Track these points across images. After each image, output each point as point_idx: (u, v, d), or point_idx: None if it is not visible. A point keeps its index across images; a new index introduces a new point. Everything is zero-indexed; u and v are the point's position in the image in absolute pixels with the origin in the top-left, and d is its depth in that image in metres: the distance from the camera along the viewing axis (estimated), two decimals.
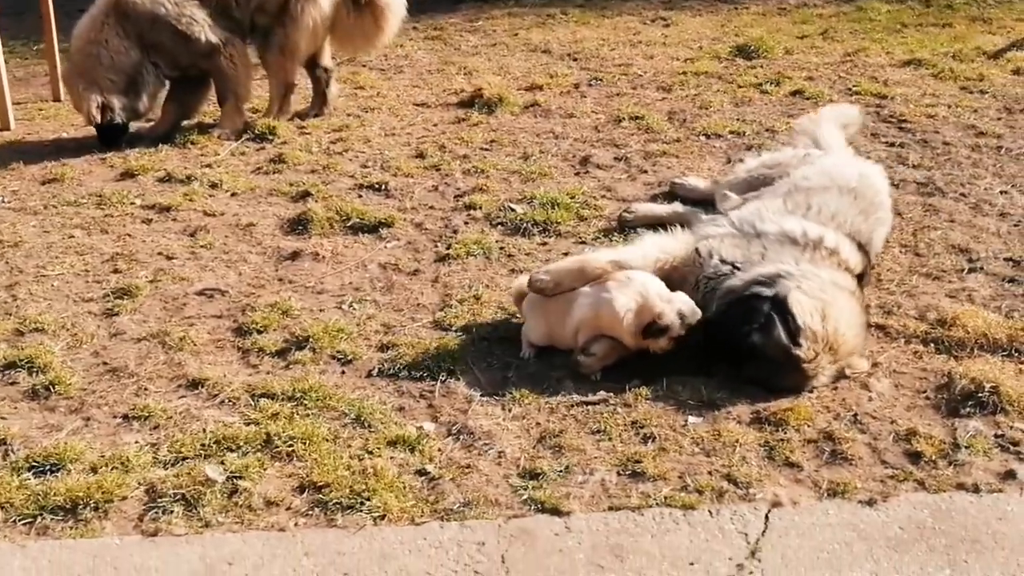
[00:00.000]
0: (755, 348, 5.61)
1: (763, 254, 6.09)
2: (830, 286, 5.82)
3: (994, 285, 6.66)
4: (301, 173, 8.81)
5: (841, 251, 6.13)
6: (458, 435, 5.43)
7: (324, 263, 7.28)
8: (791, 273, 5.85)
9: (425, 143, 9.36)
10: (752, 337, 5.61)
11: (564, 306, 6.01)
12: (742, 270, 6.04)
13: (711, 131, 9.36)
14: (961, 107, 9.86)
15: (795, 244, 6.13)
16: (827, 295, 5.76)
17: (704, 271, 6.17)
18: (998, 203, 7.82)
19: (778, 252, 6.07)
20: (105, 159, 9.35)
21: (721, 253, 6.17)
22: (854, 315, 5.81)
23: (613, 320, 5.84)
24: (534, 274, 6.16)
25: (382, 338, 6.34)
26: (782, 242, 6.15)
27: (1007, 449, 5.15)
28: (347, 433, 5.45)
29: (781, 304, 5.66)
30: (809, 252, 6.07)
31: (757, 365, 5.66)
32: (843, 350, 5.68)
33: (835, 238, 6.20)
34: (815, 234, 6.18)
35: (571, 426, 5.45)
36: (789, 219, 6.35)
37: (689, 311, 5.82)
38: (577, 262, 6.20)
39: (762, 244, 6.17)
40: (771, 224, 6.33)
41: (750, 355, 5.64)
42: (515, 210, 7.86)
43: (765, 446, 5.23)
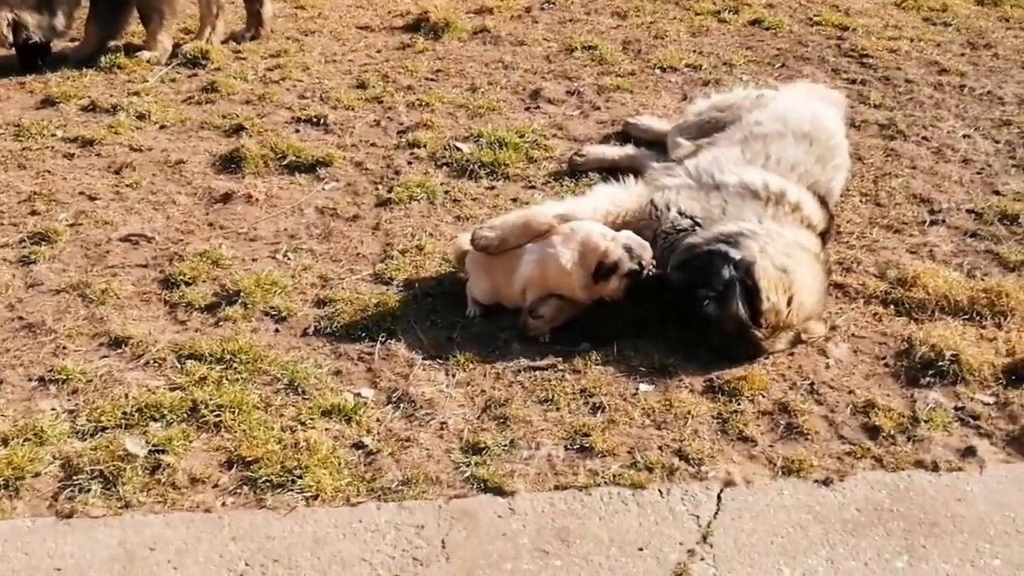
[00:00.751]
0: (707, 318, 5.35)
1: (723, 208, 5.80)
2: (795, 248, 5.56)
3: (956, 240, 6.44)
4: (235, 104, 8.36)
5: (804, 206, 5.86)
6: (398, 403, 5.16)
7: (258, 206, 6.90)
8: (755, 232, 5.57)
9: (367, 72, 8.93)
10: (707, 307, 5.34)
11: (510, 262, 5.72)
12: (703, 226, 5.75)
13: (667, 64, 8.99)
14: (924, 41, 9.56)
15: (757, 198, 5.84)
16: (792, 260, 5.50)
17: (662, 225, 5.88)
18: (961, 148, 7.58)
19: (739, 207, 5.79)
20: (24, 84, 8.79)
21: (679, 205, 5.87)
22: (816, 281, 5.57)
23: (561, 276, 5.56)
24: (477, 231, 5.84)
25: (319, 292, 6.01)
26: (743, 195, 5.87)
27: (967, 423, 4.97)
28: (279, 400, 5.15)
29: (747, 271, 5.38)
30: (772, 207, 5.80)
31: (710, 333, 5.40)
32: (800, 317, 5.44)
33: (798, 192, 5.92)
34: (777, 187, 5.90)
35: (517, 394, 5.19)
36: (749, 170, 6.06)
37: (636, 244, 5.52)
38: (522, 217, 5.88)
39: (722, 197, 5.88)
40: (731, 175, 6.03)
41: (703, 323, 5.38)
42: (461, 149, 7.50)
43: (718, 418, 5.00)
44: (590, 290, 5.55)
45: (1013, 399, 5.07)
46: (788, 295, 5.34)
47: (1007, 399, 5.08)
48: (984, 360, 5.23)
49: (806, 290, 5.42)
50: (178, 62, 9.12)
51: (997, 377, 5.20)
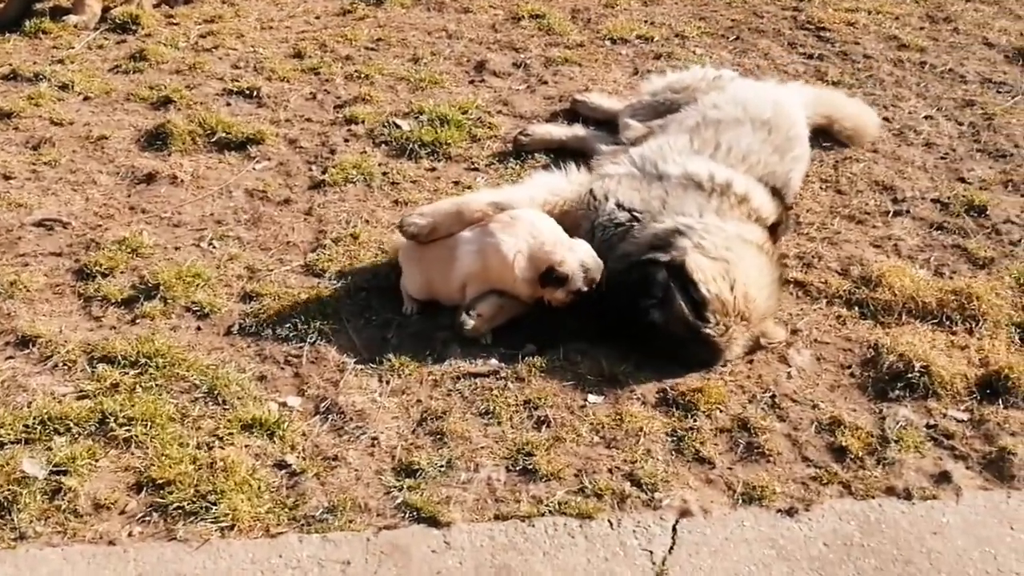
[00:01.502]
0: (654, 326, 4.98)
1: (664, 200, 5.44)
2: (736, 241, 5.21)
3: (921, 232, 6.09)
4: (164, 74, 7.84)
5: (752, 198, 5.51)
6: (327, 414, 4.76)
7: (183, 188, 6.43)
8: (691, 228, 5.22)
9: (305, 40, 8.43)
10: (651, 315, 4.97)
11: (446, 254, 5.31)
12: (641, 219, 5.40)
13: (617, 35, 8.56)
14: (883, 13, 9.18)
15: (700, 189, 5.50)
16: (732, 253, 5.15)
17: (599, 216, 5.51)
18: (923, 130, 7.23)
19: (680, 199, 5.43)
20: None
21: (618, 196, 5.51)
22: (763, 274, 5.21)
23: (503, 268, 5.16)
24: (406, 217, 5.43)
25: (245, 285, 5.58)
26: (686, 187, 5.51)
27: (940, 443, 4.63)
28: (197, 411, 4.73)
29: (679, 271, 5.04)
30: (716, 199, 5.44)
31: (662, 342, 5.03)
32: (756, 315, 5.09)
33: (745, 183, 5.57)
34: (722, 178, 5.55)
35: (456, 405, 4.79)
36: (695, 160, 5.71)
37: (593, 263, 5.15)
38: (454, 204, 5.48)
39: (663, 188, 5.52)
40: (675, 165, 5.68)
41: (652, 333, 5.01)
42: (401, 127, 7.05)
43: (673, 436, 4.64)
44: (534, 289, 5.16)
45: (988, 416, 4.74)
46: (729, 283, 5.01)
47: (982, 416, 4.75)
48: (956, 372, 4.90)
49: (752, 282, 5.08)
50: (107, 27, 8.59)
51: (971, 391, 4.87)
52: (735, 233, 5.28)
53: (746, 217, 5.44)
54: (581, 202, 5.54)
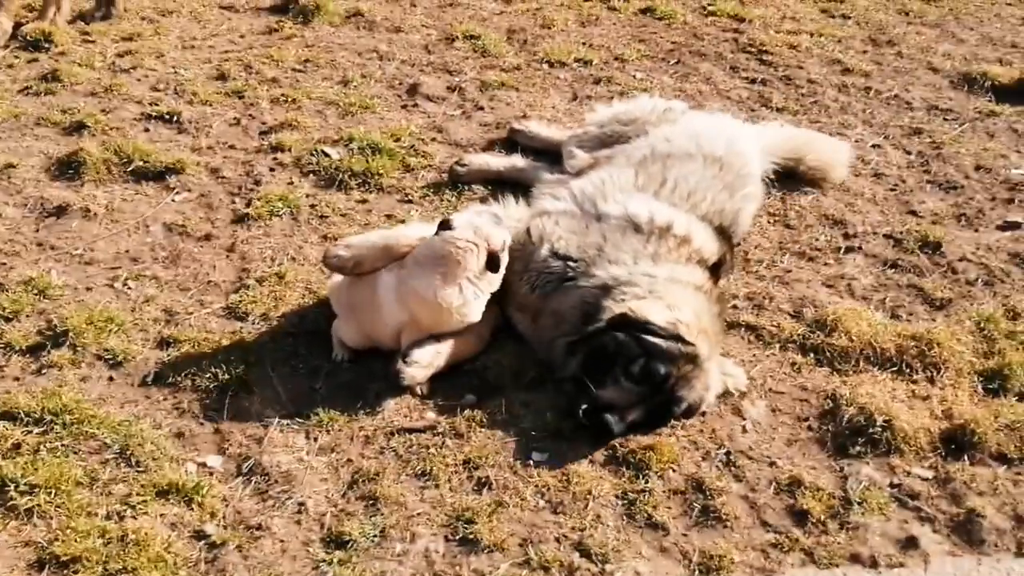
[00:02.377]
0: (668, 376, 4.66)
1: (600, 247, 5.19)
2: (666, 284, 4.98)
3: (875, 271, 5.85)
4: (79, 96, 7.41)
5: (693, 239, 5.26)
6: (250, 476, 4.40)
7: (97, 222, 6.02)
8: (617, 280, 5.01)
9: (229, 60, 8.03)
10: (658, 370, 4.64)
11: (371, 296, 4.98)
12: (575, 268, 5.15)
13: (555, 58, 8.26)
14: (825, 35, 8.99)
15: (638, 232, 5.24)
16: (663, 293, 4.94)
17: (533, 261, 5.23)
18: (871, 159, 7.02)
19: (617, 245, 5.18)
20: None
21: (553, 242, 5.24)
22: (703, 308, 4.99)
23: (423, 307, 4.84)
24: (330, 248, 5.11)
25: (162, 330, 5.20)
26: (624, 229, 5.26)
27: (905, 504, 4.37)
28: (108, 474, 4.35)
29: (627, 322, 4.79)
30: (654, 242, 5.20)
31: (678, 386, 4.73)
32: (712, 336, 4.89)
33: (686, 223, 5.34)
34: (662, 220, 5.30)
35: (390, 465, 4.46)
36: (636, 199, 5.45)
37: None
38: (383, 238, 5.15)
39: (601, 232, 5.27)
40: (615, 205, 5.43)
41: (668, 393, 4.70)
42: (330, 155, 6.70)
43: (623, 498, 4.33)
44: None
45: (955, 474, 4.49)
46: (673, 310, 4.82)
47: (948, 474, 4.50)
48: (919, 425, 4.64)
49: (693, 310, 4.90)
50: (17, 45, 8.12)
51: (935, 446, 4.62)
52: (667, 277, 5.05)
53: (686, 259, 5.20)
54: (517, 241, 5.24)
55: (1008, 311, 5.52)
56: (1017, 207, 6.52)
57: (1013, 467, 4.58)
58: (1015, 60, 8.65)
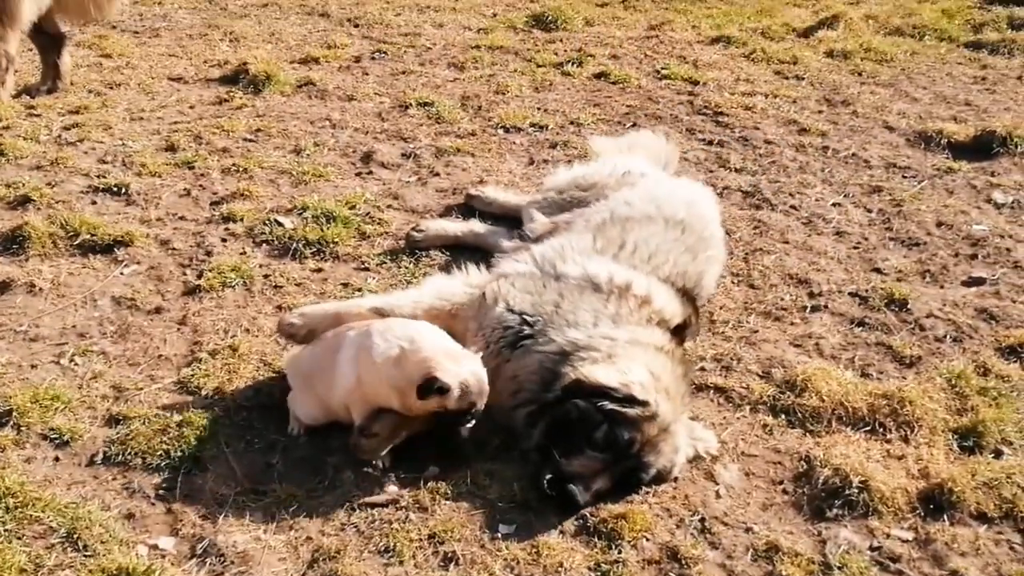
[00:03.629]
0: (631, 444, 4.53)
1: (558, 304, 5.07)
2: (626, 346, 4.84)
3: (842, 329, 5.75)
4: (23, 170, 7.23)
5: (654, 300, 5.14)
6: (204, 558, 4.20)
7: (42, 297, 5.83)
8: (575, 344, 4.87)
9: (178, 131, 7.90)
10: (621, 436, 4.52)
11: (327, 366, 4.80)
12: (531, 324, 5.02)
13: (510, 123, 8.20)
14: (779, 96, 9.01)
15: (598, 291, 5.13)
16: (622, 355, 4.81)
17: (486, 319, 5.10)
18: (832, 218, 6.96)
19: (575, 304, 5.06)
20: None
21: (508, 300, 5.12)
22: (665, 369, 4.84)
23: (373, 377, 4.63)
24: (284, 317, 5.15)
25: (111, 407, 5.00)
26: (582, 289, 5.15)
27: (887, 568, 4.22)
28: (53, 560, 4.13)
29: (581, 388, 4.66)
30: (614, 302, 5.08)
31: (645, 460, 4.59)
32: (674, 392, 4.75)
33: (646, 284, 5.22)
34: (621, 280, 5.19)
35: (352, 542, 4.26)
36: (595, 261, 5.36)
37: (475, 383, 4.56)
38: (334, 307, 5.18)
39: (558, 291, 5.16)
40: (573, 266, 5.32)
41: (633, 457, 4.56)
42: (283, 224, 6.55)
43: (596, 570, 4.16)
44: (412, 403, 4.60)
45: (935, 535, 4.35)
46: (631, 371, 4.68)
47: (928, 535, 4.35)
48: (896, 486, 4.51)
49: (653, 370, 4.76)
50: None
51: (913, 506, 4.48)
52: (627, 339, 4.92)
53: (646, 320, 5.07)
54: (472, 305, 5.12)
55: (978, 367, 5.43)
56: (981, 263, 6.48)
57: (994, 526, 4.45)
58: (969, 118, 8.69)
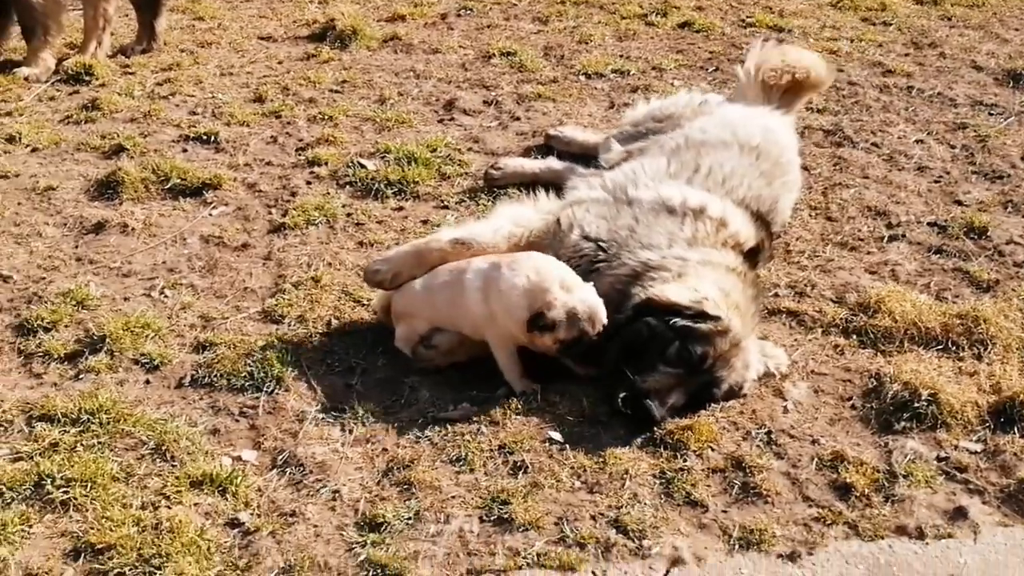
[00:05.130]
0: (704, 356, 4.60)
1: (632, 229, 5.12)
2: (697, 266, 4.90)
3: (919, 257, 5.74)
4: (118, 122, 7.50)
5: (729, 223, 5.17)
6: (284, 467, 4.37)
7: (134, 237, 6.06)
8: (647, 265, 4.93)
9: (266, 84, 8.10)
10: (694, 352, 4.58)
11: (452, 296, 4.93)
12: (606, 250, 5.07)
13: (592, 70, 8.26)
14: (865, 40, 8.93)
15: (672, 215, 5.16)
16: (691, 273, 4.88)
17: (563, 247, 5.16)
18: (914, 154, 6.92)
19: (649, 227, 5.11)
20: None
21: (584, 227, 5.18)
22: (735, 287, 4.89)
23: (501, 308, 4.74)
24: (369, 265, 5.19)
25: (199, 335, 5.20)
26: (656, 212, 5.19)
27: (953, 477, 4.24)
28: (144, 469, 4.33)
29: (650, 307, 4.72)
30: (689, 225, 5.11)
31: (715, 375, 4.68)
32: (745, 312, 4.82)
33: (721, 207, 5.25)
34: (696, 203, 5.22)
35: (425, 452, 4.40)
36: (668, 184, 5.40)
37: (584, 311, 4.62)
38: (413, 246, 5.20)
39: (633, 215, 5.20)
40: (646, 190, 5.36)
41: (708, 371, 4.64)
42: (366, 166, 6.71)
43: (661, 478, 4.25)
44: (523, 333, 4.71)
45: (1004, 446, 4.36)
46: (701, 288, 4.74)
47: (997, 446, 4.37)
48: (966, 399, 4.52)
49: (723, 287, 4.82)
50: (59, 79, 8.24)
51: (983, 419, 4.50)
52: (699, 259, 4.97)
53: (721, 243, 5.11)
54: (548, 232, 5.19)
55: None
56: None
57: None
58: None
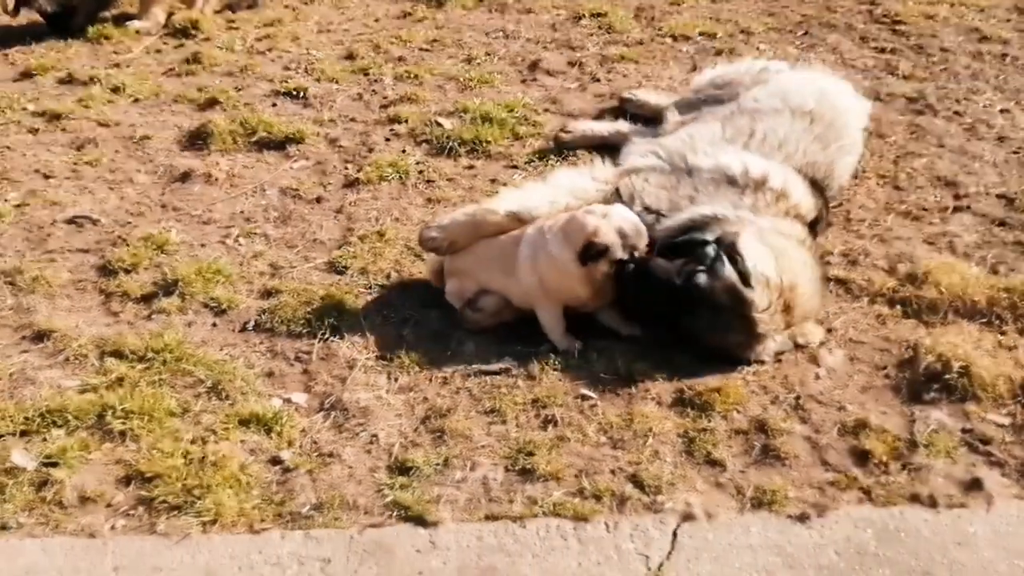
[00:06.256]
0: (699, 290, 4.65)
1: (693, 199, 5.16)
2: (774, 235, 4.90)
3: (981, 229, 5.70)
4: (216, 76, 7.82)
5: (791, 194, 5.18)
6: (330, 411, 4.60)
7: (217, 186, 6.36)
8: (728, 217, 4.95)
9: (360, 42, 8.33)
10: (696, 278, 4.66)
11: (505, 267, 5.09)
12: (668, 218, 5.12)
13: (679, 32, 8.29)
14: (966, 5, 8.70)
15: (733, 185, 5.20)
16: (776, 243, 4.86)
17: None
18: (997, 124, 6.81)
19: (712, 196, 5.14)
20: (7, 55, 8.33)
21: (644, 198, 5.23)
22: (808, 269, 4.90)
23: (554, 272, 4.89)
24: (424, 231, 5.31)
25: (266, 282, 5.46)
26: (717, 182, 5.22)
27: (975, 449, 4.27)
28: (199, 406, 4.62)
29: (729, 246, 4.75)
30: (750, 195, 5.14)
31: (697, 316, 4.71)
32: (798, 311, 4.80)
33: (783, 176, 5.25)
34: (757, 172, 5.23)
35: (463, 403, 4.60)
36: (727, 151, 5.42)
37: (631, 228, 4.78)
38: (469, 215, 5.25)
39: (693, 185, 5.25)
40: (705, 157, 5.40)
41: (689, 302, 4.69)
42: (443, 125, 6.89)
43: (684, 437, 4.37)
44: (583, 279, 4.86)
45: None
46: (777, 267, 4.72)
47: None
48: (1000, 373, 4.52)
49: (799, 274, 4.79)
50: (167, 32, 8.62)
51: (1015, 394, 4.49)
52: (771, 227, 4.99)
53: (784, 213, 5.14)
54: (606, 203, 5.26)
55: None
56: None
57: None
58: None
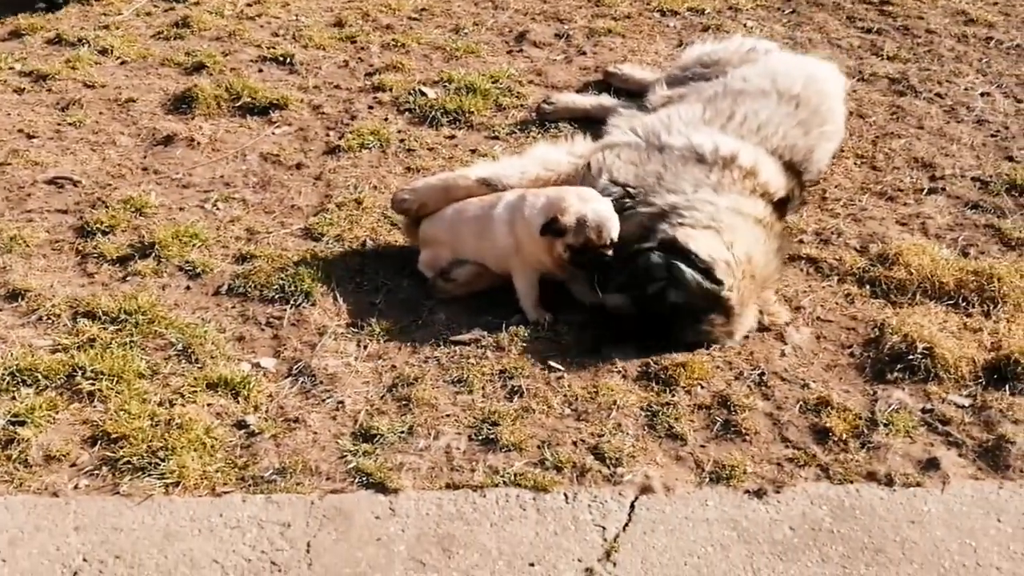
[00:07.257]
0: (676, 306, 4.71)
1: (660, 176, 5.20)
2: (727, 213, 4.96)
3: (954, 211, 5.73)
4: (204, 40, 7.79)
5: (760, 172, 5.23)
6: (297, 376, 4.63)
7: (199, 150, 6.36)
8: (676, 207, 5.01)
9: (349, 10, 8.29)
10: (669, 296, 4.72)
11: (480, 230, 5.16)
12: (634, 195, 5.16)
13: (668, 6, 8.27)
14: None
15: (701, 162, 5.24)
16: (721, 223, 4.92)
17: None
18: (977, 107, 6.83)
19: (677, 174, 5.19)
20: None
21: (612, 171, 5.27)
22: (759, 242, 4.95)
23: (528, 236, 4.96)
24: (397, 193, 5.37)
25: (242, 247, 5.48)
26: (686, 159, 5.27)
27: (934, 429, 4.31)
28: (168, 368, 4.64)
29: (672, 246, 4.81)
30: (716, 173, 5.18)
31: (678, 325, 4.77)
32: (760, 276, 4.87)
33: (753, 156, 5.31)
34: (727, 151, 5.28)
35: (430, 372, 4.63)
36: (701, 131, 5.47)
37: (593, 218, 4.79)
38: (442, 180, 5.36)
39: (662, 162, 5.29)
40: (678, 136, 5.44)
41: (675, 315, 4.75)
42: (426, 94, 6.90)
43: (647, 410, 4.40)
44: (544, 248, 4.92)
45: (992, 402, 4.40)
46: (725, 246, 4.80)
47: (985, 402, 4.41)
48: (963, 355, 4.56)
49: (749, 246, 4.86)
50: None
51: (976, 375, 4.54)
52: (728, 206, 5.04)
53: (750, 191, 5.18)
54: (576, 176, 5.31)
55: None
56: None
57: None
58: None
